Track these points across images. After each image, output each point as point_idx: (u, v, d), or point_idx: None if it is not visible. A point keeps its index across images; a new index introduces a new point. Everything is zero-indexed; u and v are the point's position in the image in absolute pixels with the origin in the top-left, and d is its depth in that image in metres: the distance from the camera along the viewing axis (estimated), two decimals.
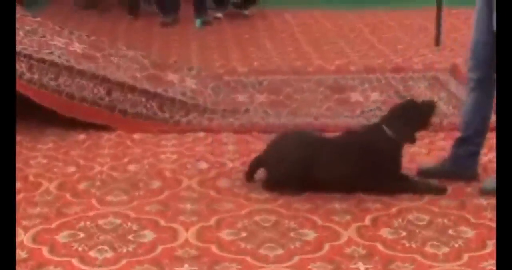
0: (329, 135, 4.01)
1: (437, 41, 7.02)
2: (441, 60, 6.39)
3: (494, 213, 3.39)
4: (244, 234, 3.23)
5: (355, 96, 5.33)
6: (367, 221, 3.35)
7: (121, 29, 8.03)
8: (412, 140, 3.69)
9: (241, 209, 3.49)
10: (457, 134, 3.89)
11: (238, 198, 3.62)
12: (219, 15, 8.57)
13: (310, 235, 3.23)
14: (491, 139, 4.40)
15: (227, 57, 6.66)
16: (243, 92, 5.44)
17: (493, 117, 4.75)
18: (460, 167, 3.78)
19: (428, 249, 3.10)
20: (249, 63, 6.41)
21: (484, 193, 3.61)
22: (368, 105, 5.09)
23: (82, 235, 3.25)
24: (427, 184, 3.72)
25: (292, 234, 3.23)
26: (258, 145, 4.32)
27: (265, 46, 7.13)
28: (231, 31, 7.89)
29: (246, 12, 8.75)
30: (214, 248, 3.12)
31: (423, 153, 4.21)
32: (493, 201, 3.51)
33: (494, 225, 3.28)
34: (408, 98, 4.21)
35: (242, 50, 6.96)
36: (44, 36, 5.13)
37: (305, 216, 3.40)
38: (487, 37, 3.59)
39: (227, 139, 4.51)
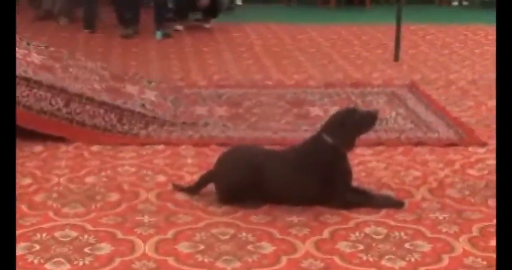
0: (278, 148, 4.04)
1: (396, 57, 7.10)
2: (399, 76, 6.47)
3: (450, 227, 3.44)
4: (201, 247, 3.24)
5: (314, 110, 5.37)
6: (325, 234, 3.37)
7: (80, 40, 8.00)
8: (351, 146, 3.70)
9: (199, 222, 3.49)
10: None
11: (196, 210, 3.62)
12: (180, 27, 8.59)
13: (268, 248, 3.24)
14: (446, 154, 4.48)
15: (187, 70, 6.67)
16: (203, 105, 5.45)
17: (450, 134, 4.82)
18: None
19: (385, 262, 3.12)
20: (209, 76, 6.42)
21: None
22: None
23: (38, 247, 3.22)
24: (384, 197, 3.76)
25: (249, 247, 3.24)
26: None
27: (225, 60, 7.15)
28: (192, 44, 7.91)
29: (207, 25, 8.78)
30: (171, 261, 3.12)
31: (380, 167, 4.25)
32: (449, 215, 3.57)
33: (449, 239, 3.33)
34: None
35: (202, 63, 6.98)
36: None
37: (262, 229, 3.42)
38: None
39: (186, 151, 4.52)
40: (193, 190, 3.81)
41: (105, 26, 8.62)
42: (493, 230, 3.37)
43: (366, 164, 4.29)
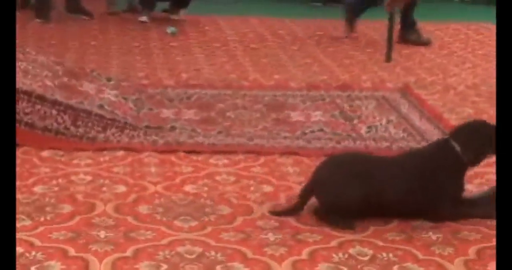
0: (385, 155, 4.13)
1: (388, 57, 7.15)
2: (391, 78, 6.51)
3: (444, 248, 3.48)
4: (164, 267, 3.25)
5: (295, 115, 5.39)
6: (304, 254, 3.39)
7: (31, 31, 7.99)
8: (476, 162, 3.75)
9: (162, 238, 3.50)
10: None
11: (159, 225, 3.63)
12: (145, 18, 8.60)
13: (240, 269, 3.26)
14: None
15: (152, 67, 6.68)
16: (169, 107, 5.47)
17: None
18: None
19: None
20: (176, 75, 6.44)
21: None
22: (309, 126, 5.17)
23: None
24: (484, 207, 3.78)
25: (219, 268, 3.25)
26: (184, 167, 4.35)
27: (195, 56, 7.17)
28: (158, 37, 7.92)
29: (176, 16, 8.79)
30: None
31: None
32: (443, 235, 3.60)
33: (443, 261, 3.36)
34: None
35: (169, 60, 6.99)
36: None
37: (234, 247, 3.44)
38: None
39: (149, 159, 4.53)
40: (297, 209, 3.77)
41: (60, 15, 8.61)
42: (492, 252, 3.41)
43: None
